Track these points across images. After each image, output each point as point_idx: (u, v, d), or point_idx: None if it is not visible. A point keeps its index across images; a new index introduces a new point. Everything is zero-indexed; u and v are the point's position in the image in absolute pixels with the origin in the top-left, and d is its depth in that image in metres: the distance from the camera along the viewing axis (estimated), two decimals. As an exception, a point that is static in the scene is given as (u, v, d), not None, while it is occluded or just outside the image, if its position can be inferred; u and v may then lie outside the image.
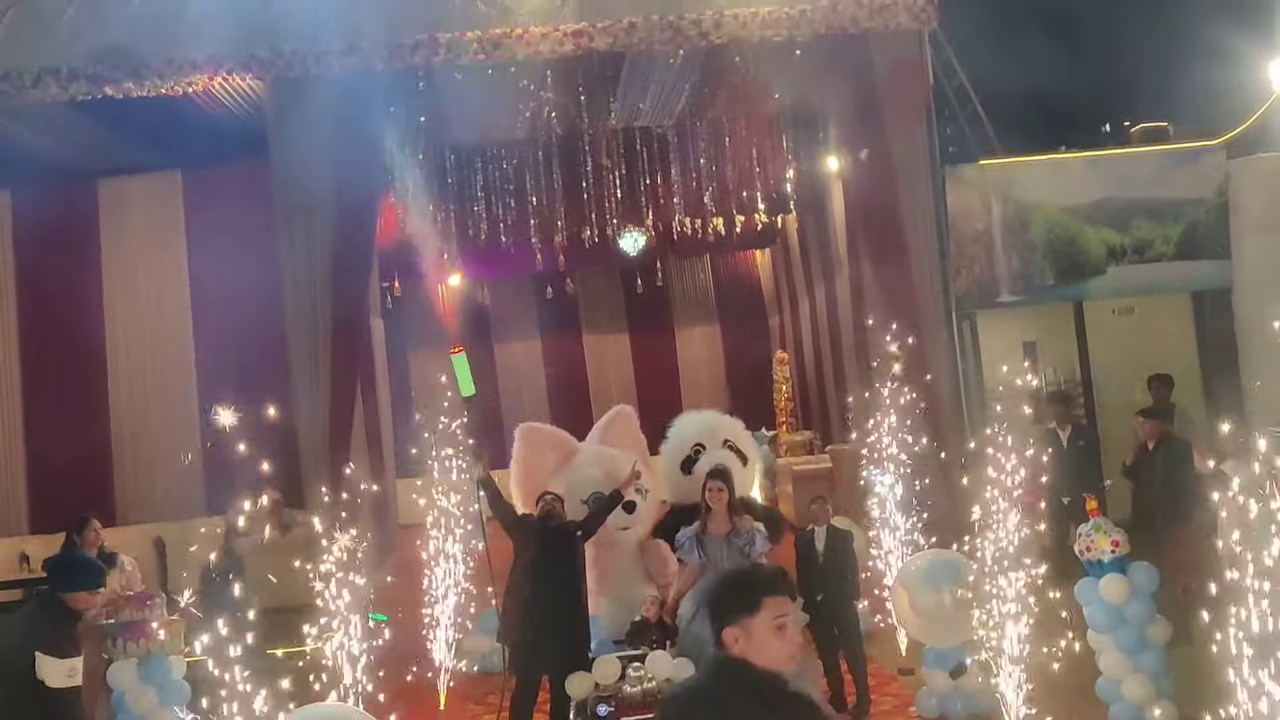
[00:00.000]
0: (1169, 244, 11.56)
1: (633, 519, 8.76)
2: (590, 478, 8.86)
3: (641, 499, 8.72)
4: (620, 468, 8.60)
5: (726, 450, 9.06)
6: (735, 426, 9.57)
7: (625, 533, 8.84)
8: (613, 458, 9.08)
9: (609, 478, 8.66)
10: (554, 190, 14.52)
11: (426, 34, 10.63)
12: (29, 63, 10.43)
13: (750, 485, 9.30)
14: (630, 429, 9.58)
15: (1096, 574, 6.72)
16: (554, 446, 9.48)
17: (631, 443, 9.39)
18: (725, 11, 10.65)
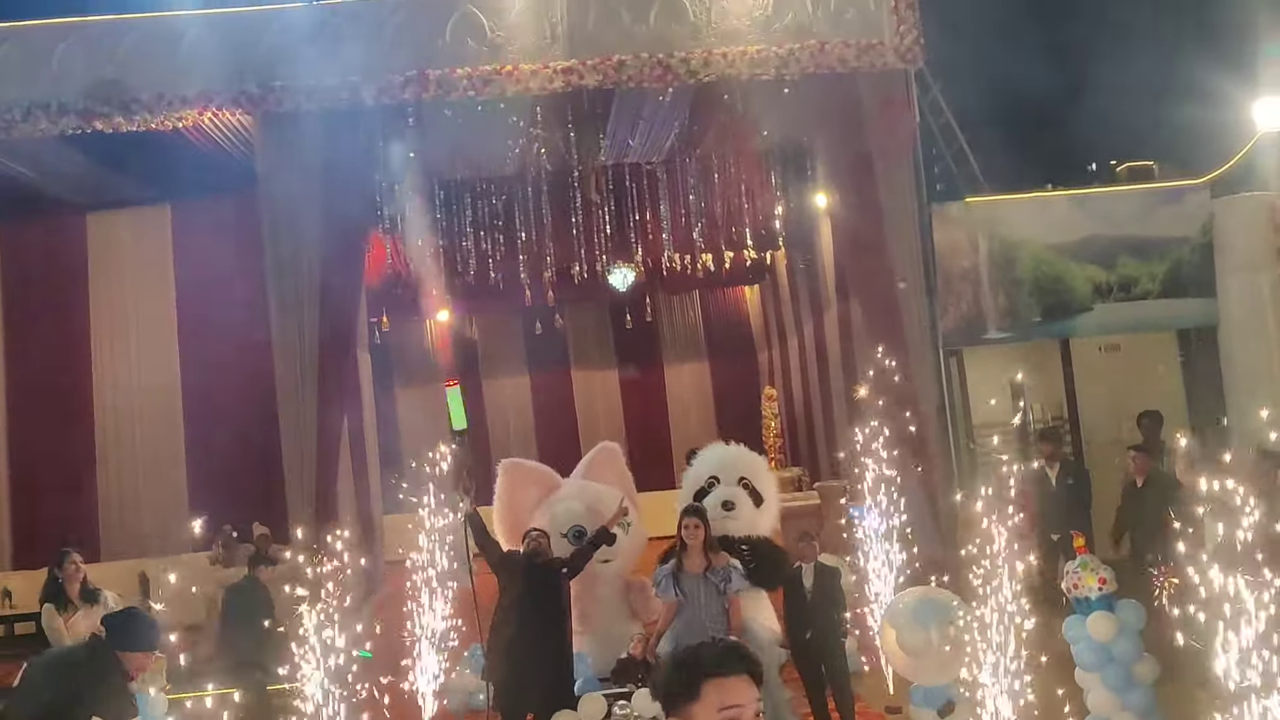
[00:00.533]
0: (1155, 282, 11.62)
1: (613, 551, 8.63)
2: (571, 510, 8.82)
3: (623, 532, 8.66)
4: (604, 502, 8.57)
5: (740, 487, 8.98)
6: (757, 465, 9.47)
7: (606, 566, 8.73)
8: (596, 492, 9.04)
9: (590, 511, 8.64)
10: (543, 226, 14.54)
11: (416, 70, 10.69)
12: (20, 96, 10.47)
13: (765, 527, 9.18)
14: (615, 465, 9.54)
15: (1084, 611, 6.69)
16: (537, 482, 9.46)
17: (616, 478, 9.34)
18: (714, 50, 10.74)
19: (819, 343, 16.12)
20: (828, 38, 10.75)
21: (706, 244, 15.45)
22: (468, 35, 10.81)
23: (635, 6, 10.86)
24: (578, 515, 8.69)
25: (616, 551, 8.69)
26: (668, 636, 7.25)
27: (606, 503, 8.52)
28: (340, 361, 11.09)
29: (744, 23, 10.80)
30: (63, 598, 8.07)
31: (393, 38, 10.83)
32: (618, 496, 8.50)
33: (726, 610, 7.16)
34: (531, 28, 10.82)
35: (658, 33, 10.83)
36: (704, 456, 9.65)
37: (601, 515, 8.33)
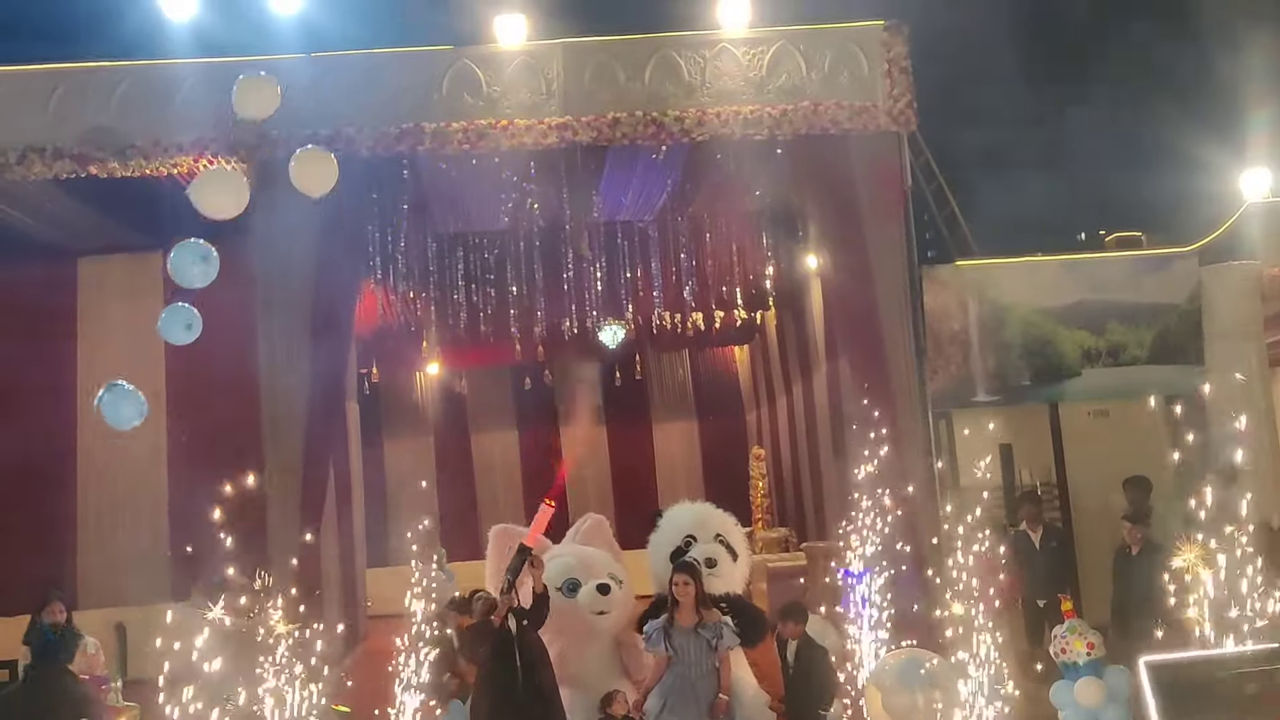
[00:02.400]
0: (1143, 348, 11.67)
1: (608, 602, 8.53)
2: (565, 564, 8.71)
3: (616, 586, 8.56)
4: (595, 558, 8.53)
5: (718, 544, 8.95)
6: (727, 521, 9.47)
7: (601, 618, 8.60)
8: (587, 551, 8.98)
9: (582, 564, 8.57)
10: (535, 281, 14.60)
11: (412, 123, 10.75)
12: (14, 140, 10.49)
13: (740, 582, 9.14)
14: (603, 534, 9.42)
15: (1072, 676, 6.65)
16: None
17: (605, 547, 9.24)
18: (708, 110, 10.83)
19: (808, 403, 16.11)
20: (821, 99, 10.85)
21: (697, 303, 15.51)
22: (464, 90, 10.88)
23: (631, 65, 10.96)
24: (570, 568, 8.60)
25: (611, 603, 8.59)
26: (657, 692, 7.23)
27: (599, 560, 8.48)
28: (329, 412, 11.04)
29: (738, 83, 10.90)
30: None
31: (389, 90, 10.88)
32: (609, 557, 8.47)
33: (717, 667, 7.12)
34: (527, 84, 10.91)
35: (652, 91, 10.92)
36: (673, 516, 9.60)
37: (593, 569, 8.28)
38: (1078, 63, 17.66)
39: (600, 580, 8.55)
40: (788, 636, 7.91)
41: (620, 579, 8.58)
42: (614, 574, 8.61)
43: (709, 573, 8.36)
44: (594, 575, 8.60)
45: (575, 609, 8.48)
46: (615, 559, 8.94)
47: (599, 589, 8.46)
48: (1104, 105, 17.00)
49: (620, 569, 8.73)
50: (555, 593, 8.32)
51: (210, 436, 12.35)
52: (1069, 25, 16.16)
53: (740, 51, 10.97)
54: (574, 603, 8.48)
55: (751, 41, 10.98)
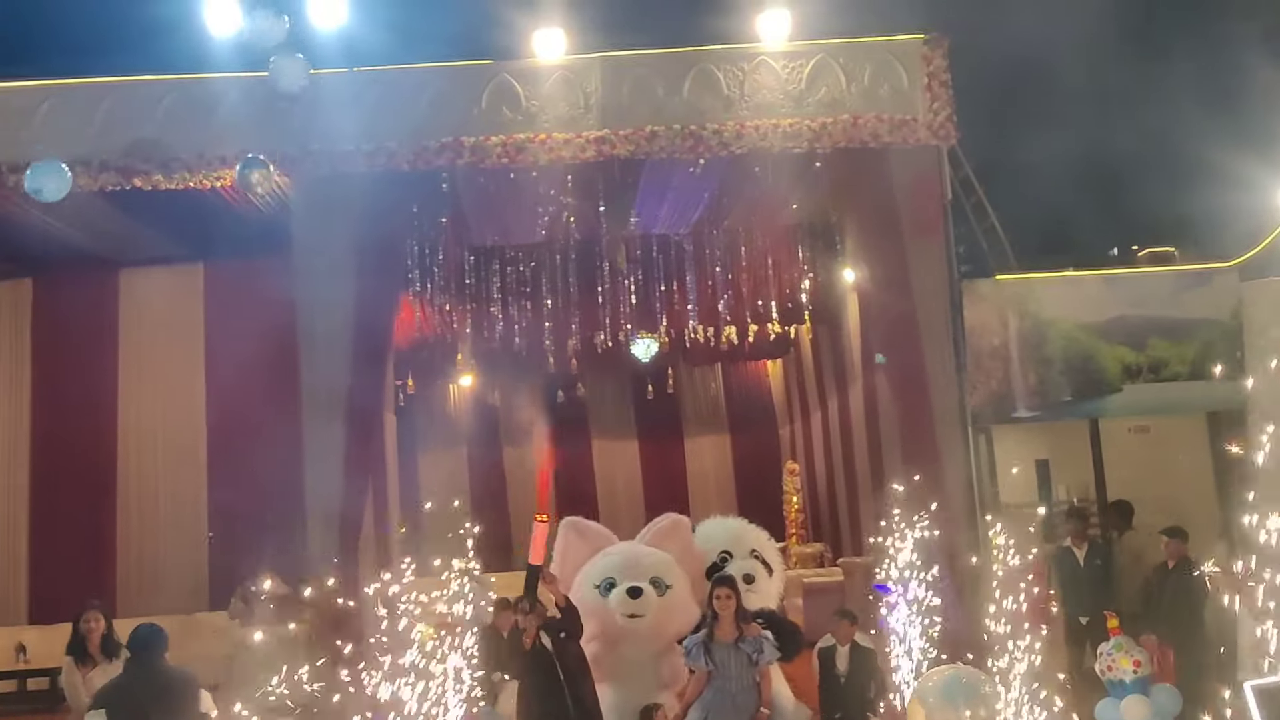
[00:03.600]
0: (1185, 364, 11.56)
1: (639, 605, 8.44)
2: (607, 564, 8.68)
3: (657, 591, 8.47)
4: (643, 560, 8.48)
5: (754, 559, 8.93)
6: (761, 536, 9.45)
7: (633, 622, 8.53)
8: (638, 551, 8.87)
9: (626, 564, 8.52)
10: (570, 294, 14.63)
11: (452, 137, 10.80)
12: (61, 152, 10.53)
13: (774, 597, 9.11)
14: (679, 537, 9.22)
15: (1118, 694, 6.57)
16: (591, 540, 9.31)
17: (680, 550, 9.05)
18: (747, 123, 10.83)
19: (843, 418, 16.05)
20: (861, 112, 10.83)
21: (732, 316, 15.48)
22: (503, 103, 10.94)
23: (669, 78, 10.98)
24: (610, 568, 8.56)
25: (644, 607, 8.51)
26: (697, 706, 7.21)
27: (645, 561, 8.44)
28: (368, 424, 11.08)
29: (777, 96, 10.89)
30: (83, 652, 8.02)
31: (429, 105, 10.95)
32: (665, 559, 8.41)
33: (758, 682, 7.10)
34: (565, 97, 10.94)
35: (691, 104, 10.93)
36: (707, 532, 9.58)
37: (634, 570, 8.25)
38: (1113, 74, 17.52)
39: (634, 583, 8.46)
40: (840, 641, 7.88)
41: (668, 584, 8.47)
42: (660, 578, 8.49)
43: (746, 589, 8.34)
44: (633, 577, 8.52)
45: (606, 609, 8.45)
46: (679, 563, 8.75)
47: (629, 592, 8.39)
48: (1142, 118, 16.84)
49: (674, 574, 8.59)
50: (593, 590, 8.33)
51: (250, 449, 12.43)
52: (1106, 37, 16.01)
53: (779, 65, 10.97)
54: (606, 602, 8.46)
55: (790, 55, 10.98)
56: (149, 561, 13.60)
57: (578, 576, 8.74)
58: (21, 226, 12.01)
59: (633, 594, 8.43)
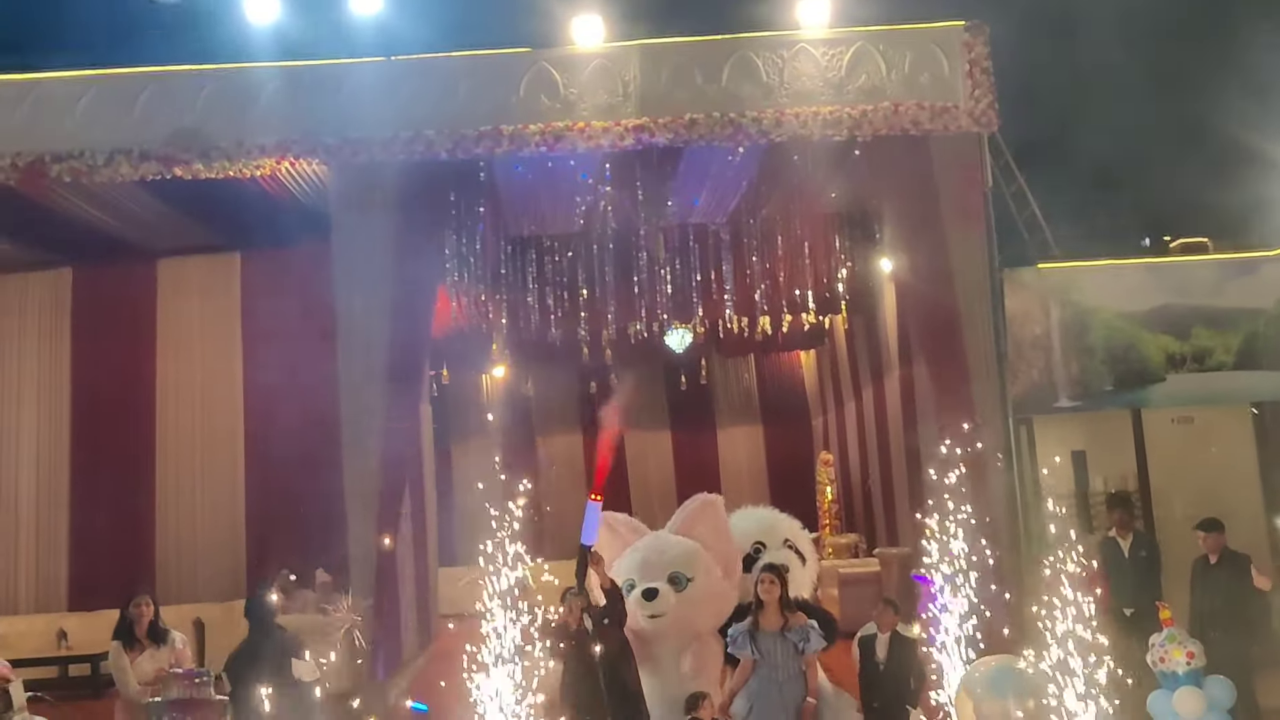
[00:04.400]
0: (1229, 353, 11.41)
1: (654, 606, 8.34)
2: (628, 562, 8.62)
3: (676, 589, 8.39)
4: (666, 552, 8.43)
5: (787, 549, 8.88)
6: (794, 526, 9.39)
7: (653, 622, 8.46)
8: (662, 543, 8.80)
9: (645, 563, 8.47)
10: (605, 284, 14.59)
11: (490, 125, 10.77)
12: (102, 142, 10.65)
13: (808, 587, 9.06)
14: (710, 518, 9.10)
15: (1170, 686, 6.50)
16: (621, 533, 9.26)
17: (710, 533, 8.95)
18: (786, 110, 10.74)
19: (879, 409, 15.96)
20: (901, 100, 10.73)
21: (768, 306, 15.40)
22: (541, 92, 10.89)
23: (708, 66, 10.90)
24: (630, 569, 8.51)
25: (662, 608, 8.44)
26: (743, 695, 7.19)
27: (665, 557, 8.39)
28: (405, 413, 11.08)
29: (817, 83, 10.80)
30: (131, 636, 8.09)
31: (468, 93, 10.92)
32: (687, 551, 8.36)
33: (803, 671, 7.07)
34: (604, 85, 10.89)
35: (730, 92, 10.85)
36: (740, 522, 9.50)
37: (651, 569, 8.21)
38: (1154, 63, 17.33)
39: (650, 585, 8.36)
40: (882, 630, 7.83)
41: (689, 577, 8.38)
42: (679, 573, 8.38)
43: None
44: (649, 577, 8.42)
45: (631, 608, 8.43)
46: (710, 546, 8.63)
47: (644, 594, 8.29)
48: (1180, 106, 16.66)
49: (697, 564, 8.47)
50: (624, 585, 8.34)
51: (287, 436, 12.49)
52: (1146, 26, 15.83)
53: (819, 52, 10.87)
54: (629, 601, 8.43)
55: (830, 42, 10.89)
56: (187, 549, 13.70)
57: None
58: (62, 216, 12.11)
59: (647, 596, 8.36)
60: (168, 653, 8.09)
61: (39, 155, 10.62)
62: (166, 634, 8.27)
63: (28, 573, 13.83)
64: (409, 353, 11.21)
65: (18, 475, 14.02)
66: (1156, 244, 13.78)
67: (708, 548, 8.55)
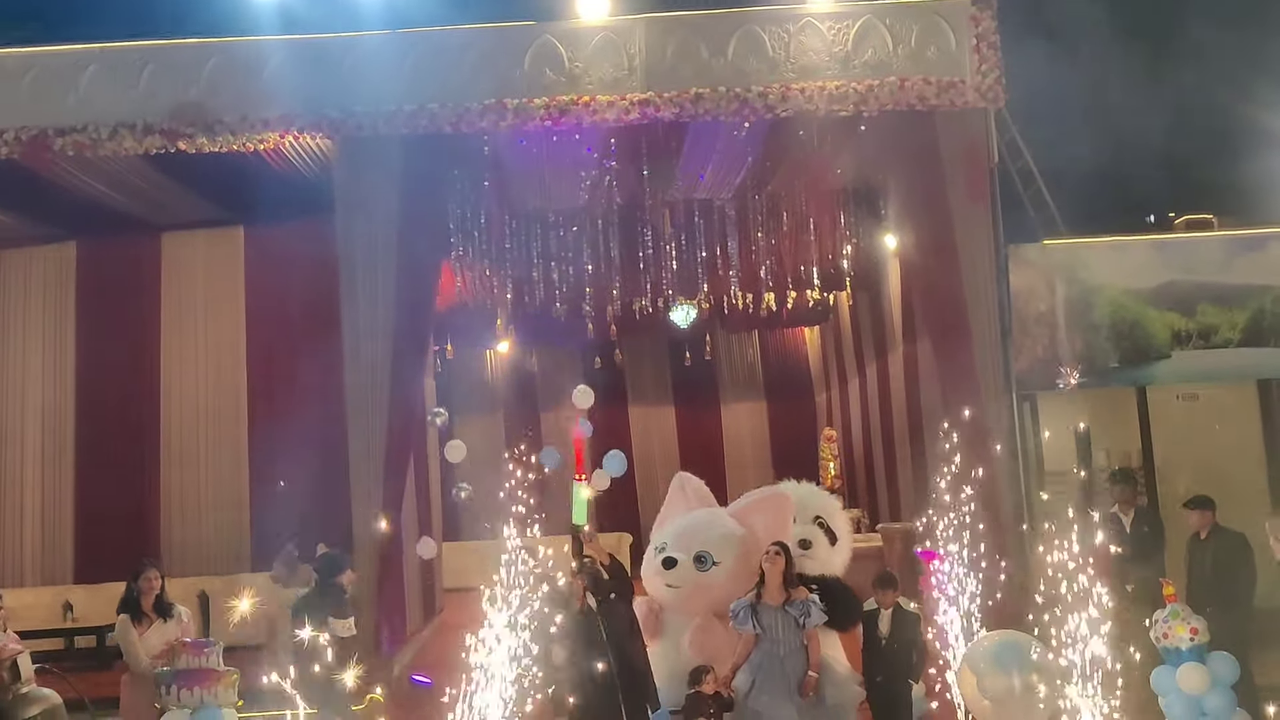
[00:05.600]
0: (1235, 330, 11.37)
1: (671, 576, 8.42)
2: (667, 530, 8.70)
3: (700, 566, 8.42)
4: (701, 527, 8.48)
5: (815, 526, 8.87)
6: (830, 504, 9.38)
7: (670, 591, 8.53)
8: (701, 520, 8.81)
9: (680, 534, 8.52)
10: (610, 260, 14.56)
11: (494, 99, 10.72)
12: (106, 116, 10.61)
13: (839, 566, 9.04)
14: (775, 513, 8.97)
15: (1174, 662, 6.51)
16: (686, 499, 9.28)
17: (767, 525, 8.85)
18: (792, 85, 10.68)
19: (882, 385, 15.97)
20: (908, 74, 10.66)
21: (773, 283, 15.38)
22: (546, 65, 10.83)
23: (714, 40, 10.84)
24: (668, 534, 8.58)
25: (679, 579, 8.49)
26: (745, 669, 7.21)
27: (700, 535, 8.43)
28: (410, 388, 11.09)
29: (823, 58, 10.74)
30: (138, 610, 8.13)
31: (472, 66, 10.86)
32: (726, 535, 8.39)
33: (805, 645, 7.09)
34: (609, 59, 10.82)
35: (736, 67, 10.78)
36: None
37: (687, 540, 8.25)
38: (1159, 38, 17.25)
39: (672, 554, 8.46)
40: (881, 606, 7.84)
41: (716, 560, 8.43)
42: (707, 553, 8.44)
43: (802, 554, 8.29)
44: (678, 548, 8.51)
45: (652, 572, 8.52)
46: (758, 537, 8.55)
47: (664, 562, 8.42)
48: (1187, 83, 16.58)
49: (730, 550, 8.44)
50: (652, 551, 8.40)
51: (292, 410, 12.50)
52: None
53: (825, 26, 10.80)
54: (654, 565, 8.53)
55: (837, 16, 10.81)
56: (191, 522, 13.74)
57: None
58: (66, 191, 12.09)
59: (667, 564, 8.43)
60: (174, 626, 8.13)
61: (42, 129, 10.59)
62: (172, 608, 8.32)
63: (33, 546, 13.89)
64: (413, 327, 11.19)
65: (23, 448, 14.06)
66: (1162, 222, 13.73)
67: (756, 537, 8.50)
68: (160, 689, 6.70)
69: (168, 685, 6.64)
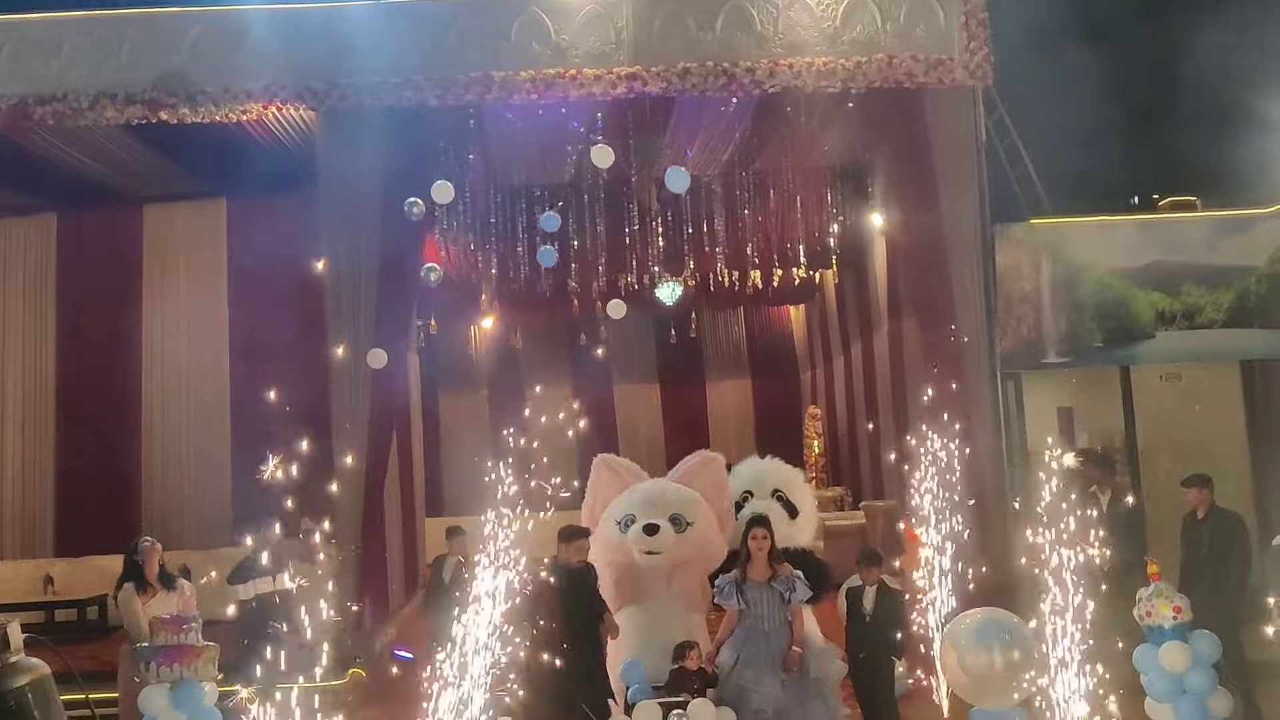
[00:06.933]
0: (1220, 311, 11.40)
1: (654, 542, 8.37)
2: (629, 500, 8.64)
3: (676, 529, 8.40)
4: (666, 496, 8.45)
5: (773, 500, 8.87)
6: (792, 477, 9.35)
7: (650, 558, 8.48)
8: (663, 488, 8.81)
9: (645, 502, 8.49)
10: (596, 236, 14.50)
11: (480, 71, 10.64)
12: (87, 85, 10.50)
13: (804, 539, 9.05)
14: (710, 476, 9.10)
15: (1157, 640, 6.53)
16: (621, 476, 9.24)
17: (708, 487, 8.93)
18: (780, 61, 10.63)
19: (867, 363, 15.97)
20: (896, 51, 10.62)
21: (760, 260, 15.34)
22: (533, 38, 10.76)
23: (702, 15, 10.77)
24: (632, 504, 8.51)
25: (661, 545, 8.44)
26: (729, 645, 7.22)
27: (667, 498, 8.40)
28: (394, 364, 11.03)
29: (811, 34, 10.69)
30: (141, 580, 8.11)
31: (458, 39, 10.78)
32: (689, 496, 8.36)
33: (789, 621, 7.10)
34: (597, 32, 10.75)
35: (724, 41, 10.73)
36: (739, 471, 9.50)
37: (654, 508, 8.22)
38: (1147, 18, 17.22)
39: (651, 520, 8.42)
40: (866, 582, 7.86)
41: (689, 521, 8.41)
42: (680, 515, 8.42)
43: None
44: (651, 514, 8.46)
45: (624, 545, 8.44)
46: (709, 500, 8.65)
47: (645, 529, 8.35)
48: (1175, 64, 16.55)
49: (697, 511, 8.50)
50: (614, 526, 8.35)
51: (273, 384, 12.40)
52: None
53: (814, 2, 10.73)
54: (624, 539, 8.44)
55: (826, -8, 10.77)
56: (174, 496, 13.69)
57: (604, 513, 8.73)
58: (47, 161, 11.96)
59: (649, 530, 8.38)
60: (177, 598, 8.11)
61: (22, 98, 10.48)
62: (175, 579, 8.31)
63: (13, 518, 13.82)
64: (397, 302, 11.14)
65: (3, 421, 14.00)
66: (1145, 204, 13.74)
67: (707, 501, 8.56)
68: (140, 665, 6.65)
69: (147, 661, 6.59)
